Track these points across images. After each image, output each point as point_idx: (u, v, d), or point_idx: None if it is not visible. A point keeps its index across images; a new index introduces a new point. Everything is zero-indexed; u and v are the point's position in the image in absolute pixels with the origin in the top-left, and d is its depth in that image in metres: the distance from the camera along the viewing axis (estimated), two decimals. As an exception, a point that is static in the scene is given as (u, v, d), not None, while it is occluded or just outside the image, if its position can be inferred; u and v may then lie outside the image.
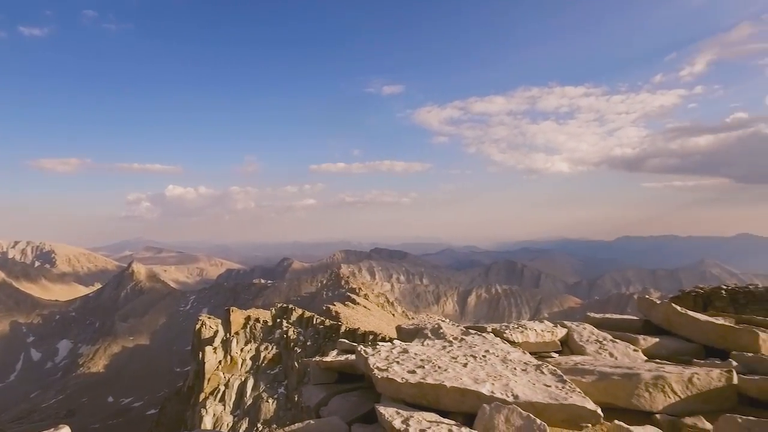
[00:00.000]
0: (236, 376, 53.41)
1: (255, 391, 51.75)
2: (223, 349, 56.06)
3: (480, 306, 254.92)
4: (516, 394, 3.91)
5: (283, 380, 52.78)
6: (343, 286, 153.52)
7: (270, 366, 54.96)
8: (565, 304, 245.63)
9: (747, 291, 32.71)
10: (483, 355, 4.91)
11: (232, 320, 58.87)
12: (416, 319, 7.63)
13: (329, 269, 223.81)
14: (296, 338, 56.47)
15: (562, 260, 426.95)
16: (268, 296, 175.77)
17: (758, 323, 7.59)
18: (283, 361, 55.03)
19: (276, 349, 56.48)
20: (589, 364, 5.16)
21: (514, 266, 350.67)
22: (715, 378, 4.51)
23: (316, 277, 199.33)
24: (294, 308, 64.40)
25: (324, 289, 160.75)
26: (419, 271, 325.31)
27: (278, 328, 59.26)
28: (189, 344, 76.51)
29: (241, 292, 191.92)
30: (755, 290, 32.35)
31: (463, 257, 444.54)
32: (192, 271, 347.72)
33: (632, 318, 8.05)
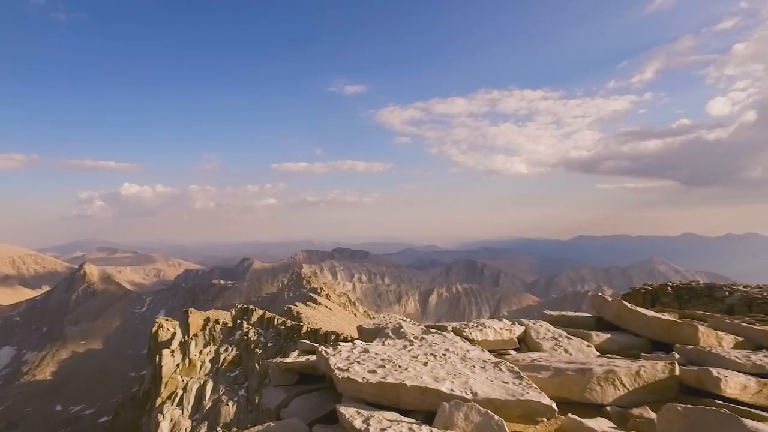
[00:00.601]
0: (195, 379, 52.12)
1: (215, 394, 50.65)
2: (182, 352, 54.59)
3: (441, 305, 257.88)
4: (475, 391, 4.00)
5: (244, 382, 51.88)
6: (304, 286, 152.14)
7: (230, 368, 53.92)
8: (523, 302, 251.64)
9: (690, 287, 34.54)
10: (443, 353, 5.00)
11: (191, 322, 57.37)
12: (377, 319, 7.68)
13: (291, 269, 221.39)
14: (257, 339, 55.61)
15: (521, 259, 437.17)
16: (228, 297, 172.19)
17: (698, 317, 8.05)
18: (244, 363, 54.09)
19: (236, 350, 55.45)
20: (545, 361, 5.33)
21: (475, 265, 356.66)
22: (659, 370, 4.76)
23: (278, 278, 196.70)
24: (255, 309, 63.40)
25: (285, 290, 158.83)
26: (381, 271, 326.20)
27: (238, 330, 58.19)
28: (145, 348, 74.08)
29: (200, 293, 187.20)
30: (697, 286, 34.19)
31: (425, 257, 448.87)
32: (148, 272, 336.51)
33: (586, 315, 8.37)
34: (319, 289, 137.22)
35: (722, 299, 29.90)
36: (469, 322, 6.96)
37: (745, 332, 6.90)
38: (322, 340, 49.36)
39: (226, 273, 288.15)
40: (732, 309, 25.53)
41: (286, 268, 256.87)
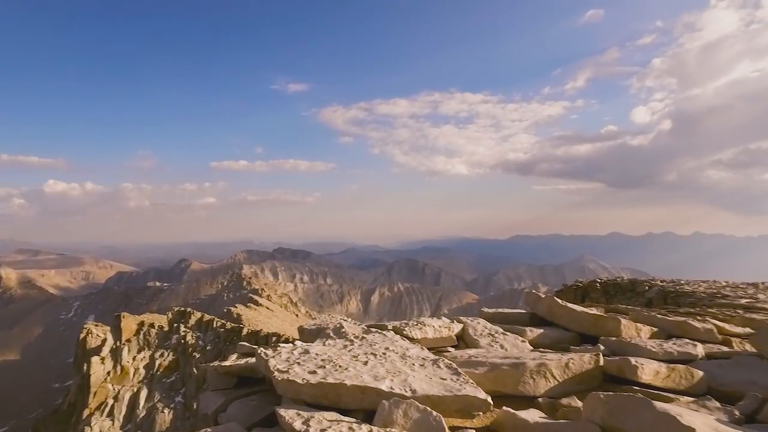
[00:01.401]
0: (127, 387, 49.55)
1: (149, 402, 48.39)
2: (113, 359, 51.74)
3: (383, 304, 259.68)
4: (414, 388, 4.09)
5: (181, 388, 49.91)
6: (245, 287, 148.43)
7: (166, 374, 51.69)
8: (463, 300, 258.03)
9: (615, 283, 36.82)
10: (383, 352, 5.07)
11: (123, 327, 54.51)
12: (318, 319, 7.65)
13: (230, 270, 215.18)
14: (195, 343, 53.66)
15: (461, 258, 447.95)
16: (164, 300, 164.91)
17: (622, 311, 8.64)
18: (181, 368, 52.02)
19: (173, 355, 53.24)
20: (482, 357, 5.52)
21: (416, 264, 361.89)
22: (586, 361, 5.06)
23: (217, 279, 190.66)
24: (192, 312, 61.13)
25: (225, 291, 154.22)
26: (323, 271, 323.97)
27: (175, 334, 55.91)
28: (71, 356, 69.53)
29: (133, 296, 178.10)
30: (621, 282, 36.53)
31: (367, 256, 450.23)
32: (76, 275, 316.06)
33: (521, 311, 8.74)
34: (260, 290, 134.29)
35: (643, 293, 32.15)
36: (409, 320, 7.09)
37: (659, 323, 7.50)
38: (263, 342, 48.31)
39: (162, 275, 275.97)
40: (651, 302, 27.49)
41: (225, 269, 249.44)
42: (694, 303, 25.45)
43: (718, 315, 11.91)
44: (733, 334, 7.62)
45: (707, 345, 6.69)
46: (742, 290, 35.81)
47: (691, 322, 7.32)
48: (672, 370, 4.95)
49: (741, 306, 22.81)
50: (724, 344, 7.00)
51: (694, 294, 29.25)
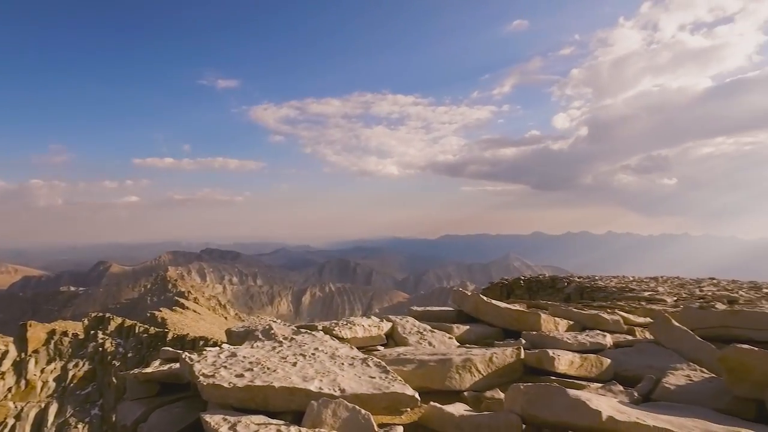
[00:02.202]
0: (33, 403, 45.62)
1: (60, 417, 44.81)
2: (16, 373, 47.38)
3: (314, 305, 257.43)
4: (343, 388, 4.11)
5: (98, 400, 46.64)
6: (170, 289, 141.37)
7: (81, 385, 48.09)
8: (394, 299, 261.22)
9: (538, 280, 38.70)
10: (312, 353, 5.05)
11: (30, 336, 50.02)
12: (247, 321, 7.50)
13: (155, 272, 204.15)
14: (115, 350, 50.35)
15: (392, 258, 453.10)
16: (79, 305, 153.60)
17: (542, 306, 9.17)
18: (98, 378, 48.62)
19: (89, 365, 49.64)
20: (410, 354, 5.65)
21: (347, 264, 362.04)
22: (508, 355, 5.33)
23: (140, 282, 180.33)
24: (112, 317, 57.32)
25: (148, 294, 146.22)
26: (253, 272, 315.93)
27: (92, 341, 52.17)
28: (-36, 372, 62.93)
29: (43, 302, 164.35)
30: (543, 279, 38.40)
31: (298, 257, 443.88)
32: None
33: (449, 309, 9.02)
34: (187, 293, 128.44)
35: (562, 289, 34.08)
36: (339, 321, 7.11)
37: (575, 317, 8.06)
38: (190, 347, 46.26)
39: (77, 279, 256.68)
40: (569, 297, 29.21)
41: (149, 271, 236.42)
42: (606, 297, 27.45)
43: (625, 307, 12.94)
44: (637, 324, 8.37)
45: (615, 335, 7.29)
46: (646, 284, 39.02)
47: (601, 315, 7.95)
48: (584, 360, 5.37)
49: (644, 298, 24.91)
50: (629, 333, 7.67)
51: (606, 289, 31.56)
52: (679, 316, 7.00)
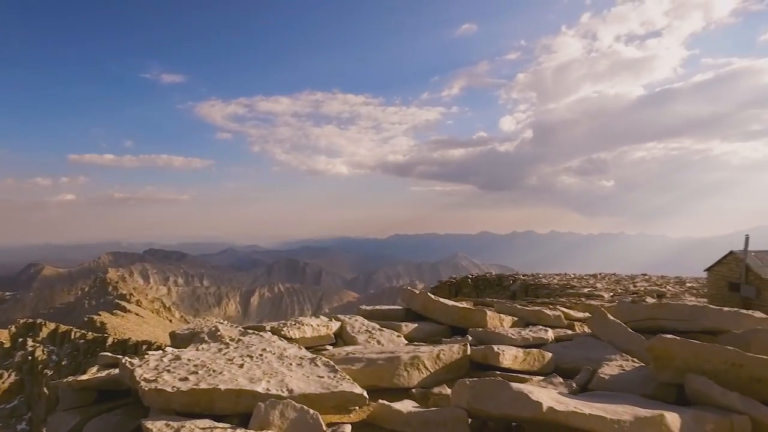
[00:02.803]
0: (-49, 418, 42.22)
1: (-18, 433, 41.72)
2: (-70, 386, 43.68)
3: (263, 305, 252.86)
4: (291, 388, 4.09)
5: (26, 413, 43.76)
6: (110, 292, 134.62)
7: (6, 398, 44.96)
8: (344, 298, 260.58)
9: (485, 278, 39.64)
10: (260, 354, 4.98)
11: (-53, 346, 46.29)
12: (193, 324, 7.30)
13: (93, 274, 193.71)
14: (47, 359, 47.42)
15: (341, 257, 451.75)
16: (6, 311, 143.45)
17: (488, 303, 9.46)
18: (27, 389, 45.61)
19: (16, 375, 46.48)
20: (359, 353, 5.69)
21: (297, 264, 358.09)
22: (455, 352, 5.48)
23: (76, 285, 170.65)
24: (44, 323, 53.99)
25: (86, 298, 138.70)
26: (199, 273, 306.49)
27: (20, 350, 48.87)
28: None
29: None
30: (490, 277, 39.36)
31: (246, 257, 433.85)
32: None
33: (397, 308, 9.14)
34: (128, 295, 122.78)
35: (508, 287, 35.07)
36: (288, 321, 7.05)
37: (519, 313, 8.38)
38: (132, 352, 44.27)
39: (5, 283, 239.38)
40: (515, 295, 30.14)
41: (87, 274, 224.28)
42: (550, 294, 28.67)
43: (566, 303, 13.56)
44: (576, 319, 8.82)
45: (556, 329, 7.64)
46: (586, 281, 40.82)
47: (544, 311, 8.32)
48: (528, 354, 5.61)
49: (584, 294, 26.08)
50: (569, 328, 8.07)
51: (549, 286, 32.93)
52: (614, 311, 7.43)
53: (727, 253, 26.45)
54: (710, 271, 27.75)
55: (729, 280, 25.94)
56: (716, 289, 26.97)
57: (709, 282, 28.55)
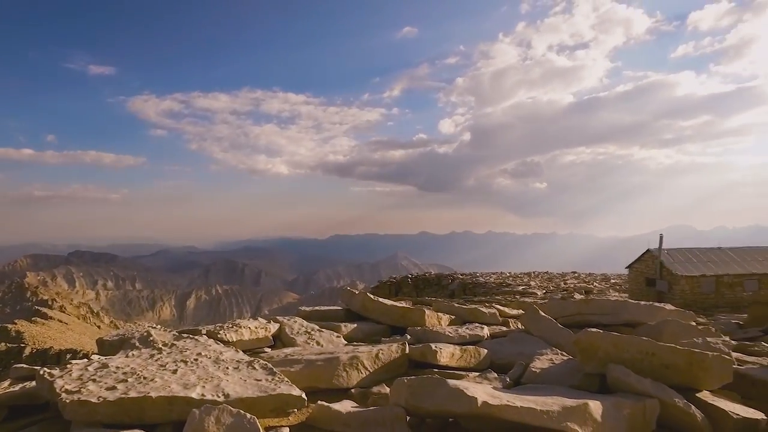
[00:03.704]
0: None
1: None
2: None
3: (200, 308, 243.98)
4: (227, 393, 3.98)
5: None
6: (28, 298, 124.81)
7: None
8: (284, 300, 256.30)
9: (424, 278, 40.34)
10: (195, 358, 4.82)
11: None
12: (123, 329, 6.94)
13: (9, 279, 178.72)
14: (-50, 373, 43.23)
15: (281, 258, 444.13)
16: None
17: (427, 303, 9.66)
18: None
19: None
20: (298, 355, 5.64)
21: (235, 266, 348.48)
22: (394, 351, 5.56)
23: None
24: (-54, 334, 49.20)
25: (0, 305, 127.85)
26: (131, 275, 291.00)
27: None
28: None
29: None
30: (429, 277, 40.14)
31: (181, 258, 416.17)
32: None
33: (337, 308, 9.14)
34: (51, 301, 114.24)
35: (447, 286, 35.85)
36: (225, 323, 6.87)
37: (456, 311, 8.62)
38: (54, 362, 41.28)
39: None
40: (453, 293, 30.83)
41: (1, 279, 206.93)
42: (486, 292, 29.64)
43: (501, 301, 14.08)
44: (511, 316, 9.18)
45: (492, 327, 7.93)
46: (521, 279, 42.50)
47: (480, 309, 8.60)
48: (464, 351, 5.78)
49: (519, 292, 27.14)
50: (504, 325, 8.39)
51: (486, 284, 34.05)
52: (545, 307, 7.84)
53: (644, 252, 28.52)
54: (630, 268, 29.78)
55: (646, 276, 27.94)
56: (635, 285, 28.97)
57: (630, 278, 30.64)
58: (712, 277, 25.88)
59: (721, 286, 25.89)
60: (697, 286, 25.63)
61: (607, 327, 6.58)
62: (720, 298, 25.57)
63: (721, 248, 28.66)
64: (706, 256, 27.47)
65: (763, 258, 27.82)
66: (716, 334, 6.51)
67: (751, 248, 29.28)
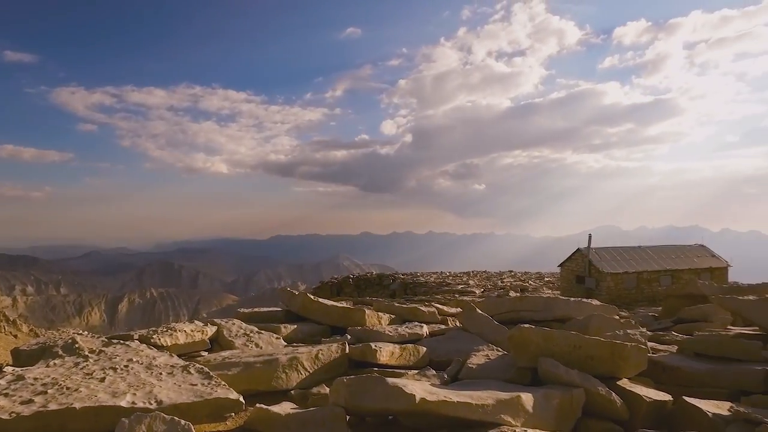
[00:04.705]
0: None
1: None
2: None
3: (133, 313, 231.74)
4: (160, 399, 3.84)
5: None
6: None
7: None
8: (223, 302, 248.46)
9: (366, 278, 40.45)
10: (125, 365, 4.59)
11: None
12: (44, 337, 6.50)
13: None
14: None
15: (221, 259, 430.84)
16: None
17: (367, 302, 9.72)
18: None
19: None
20: (236, 357, 5.52)
21: (171, 267, 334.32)
22: (334, 351, 5.57)
23: None
24: None
25: None
26: (55, 279, 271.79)
27: None
28: None
29: None
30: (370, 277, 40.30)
31: (113, 260, 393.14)
32: None
33: (277, 309, 9.01)
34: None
35: (388, 286, 36.12)
36: (158, 328, 6.60)
37: (396, 310, 8.74)
38: (-41, 376, 37.79)
39: None
40: (394, 293, 31.15)
41: None
42: (427, 291, 30.16)
43: (441, 300, 14.39)
44: (449, 314, 9.41)
45: (431, 325, 8.11)
46: (460, 278, 43.53)
47: (419, 308, 8.77)
48: (404, 350, 5.88)
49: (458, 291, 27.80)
50: (443, 323, 8.59)
51: (427, 284, 34.65)
52: (482, 305, 8.11)
53: (574, 251, 30.08)
54: (562, 266, 31.31)
55: (576, 274, 29.49)
56: (566, 282, 30.50)
57: (561, 276, 32.21)
58: (633, 274, 27.75)
59: (641, 282, 27.83)
60: (621, 282, 27.39)
61: (539, 323, 6.91)
62: (640, 293, 27.46)
63: (641, 247, 30.75)
64: (629, 254, 29.38)
65: (676, 255, 30.21)
66: (635, 326, 7.00)
67: (666, 246, 31.67)
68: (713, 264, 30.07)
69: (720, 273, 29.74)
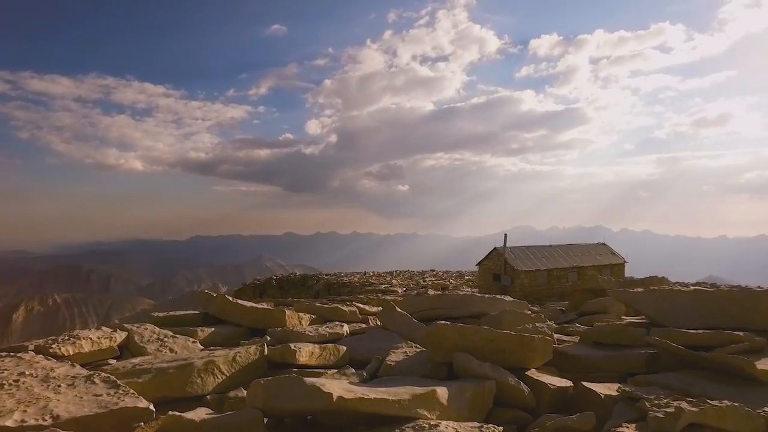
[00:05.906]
0: None
1: None
2: None
3: (32, 321, 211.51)
4: (57, 414, 3.55)
5: None
6: None
7: None
8: (138, 306, 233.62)
9: (289, 279, 39.98)
10: (15, 380, 4.19)
11: None
12: None
13: None
14: None
15: (135, 261, 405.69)
16: None
17: (288, 303, 9.62)
18: None
19: None
20: (147, 364, 5.24)
21: (79, 271, 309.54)
22: (252, 353, 5.45)
23: None
24: None
25: None
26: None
27: None
28: None
29: None
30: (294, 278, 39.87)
31: (8, 264, 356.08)
32: None
33: (194, 312, 8.66)
34: None
35: (312, 286, 35.85)
36: (60, 336, 6.10)
37: (318, 311, 8.74)
38: None
39: None
40: (318, 294, 30.97)
41: None
42: (351, 291, 30.25)
43: (364, 299, 14.50)
44: (371, 313, 9.54)
45: (352, 324, 8.18)
46: (383, 278, 44.08)
47: (341, 307, 8.82)
48: (324, 350, 5.88)
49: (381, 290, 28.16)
50: (363, 322, 8.70)
51: (350, 284, 34.74)
52: (402, 303, 8.29)
53: (491, 250, 31.54)
54: (480, 265, 32.71)
55: (493, 272, 30.94)
56: (484, 280, 31.89)
57: (479, 274, 33.64)
58: (545, 271, 29.63)
59: (552, 279, 29.78)
60: (533, 279, 29.13)
61: (456, 319, 7.18)
62: (551, 289, 29.36)
63: (552, 246, 32.89)
64: (541, 252, 31.31)
65: (581, 253, 32.67)
66: (544, 320, 7.49)
67: (573, 245, 34.14)
68: (613, 261, 32.91)
69: (618, 269, 32.59)
